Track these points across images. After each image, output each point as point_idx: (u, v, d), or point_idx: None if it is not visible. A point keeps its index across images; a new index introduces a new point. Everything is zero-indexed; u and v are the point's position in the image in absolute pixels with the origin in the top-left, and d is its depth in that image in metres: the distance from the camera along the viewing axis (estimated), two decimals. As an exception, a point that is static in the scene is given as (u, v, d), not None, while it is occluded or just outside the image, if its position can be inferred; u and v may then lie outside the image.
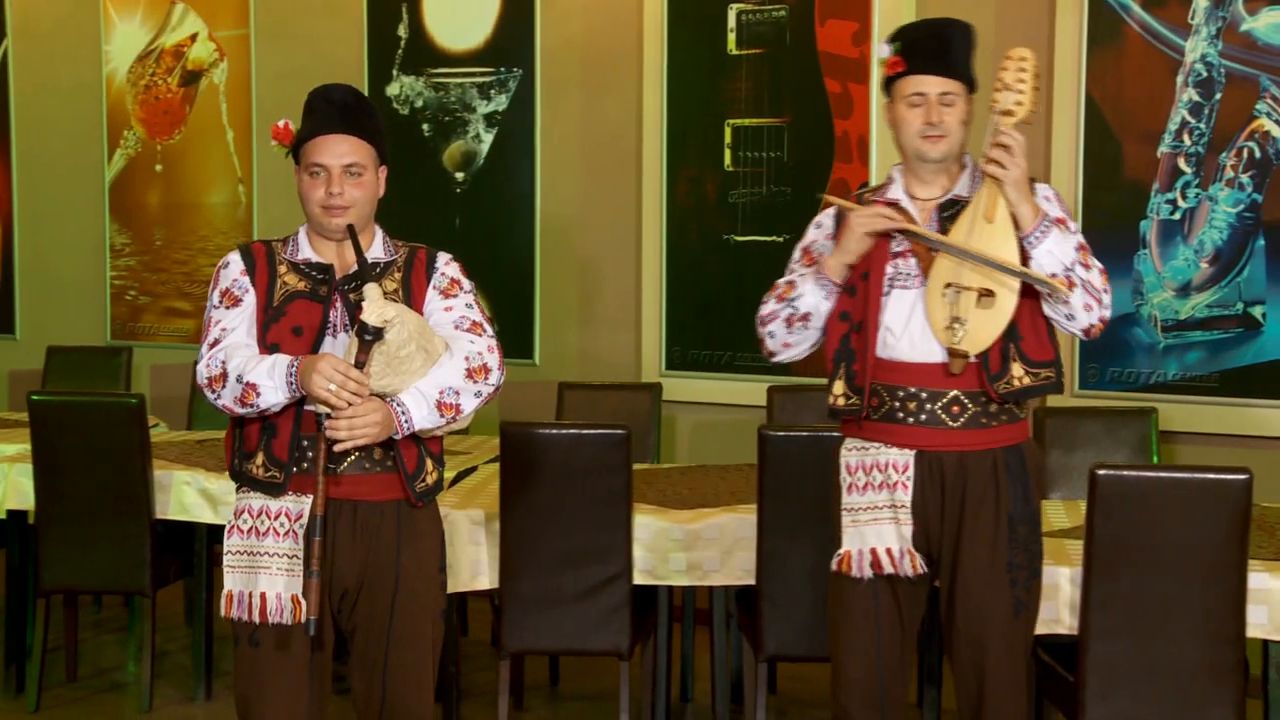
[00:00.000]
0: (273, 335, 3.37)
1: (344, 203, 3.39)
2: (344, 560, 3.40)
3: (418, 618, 3.47)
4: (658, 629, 4.95)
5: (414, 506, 3.45)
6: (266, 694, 3.40)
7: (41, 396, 5.38)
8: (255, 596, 3.36)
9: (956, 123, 3.57)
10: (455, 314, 3.48)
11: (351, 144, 3.41)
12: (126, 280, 8.13)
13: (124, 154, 8.09)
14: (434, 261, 3.55)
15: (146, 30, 7.97)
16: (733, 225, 6.58)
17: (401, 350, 3.27)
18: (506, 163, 7.11)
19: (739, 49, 6.53)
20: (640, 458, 5.71)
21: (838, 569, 3.67)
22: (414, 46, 7.26)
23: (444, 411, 3.35)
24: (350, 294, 3.41)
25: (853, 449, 3.68)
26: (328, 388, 3.19)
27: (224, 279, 3.45)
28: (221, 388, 3.31)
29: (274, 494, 3.37)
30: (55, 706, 5.49)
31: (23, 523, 5.54)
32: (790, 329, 3.73)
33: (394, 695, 3.46)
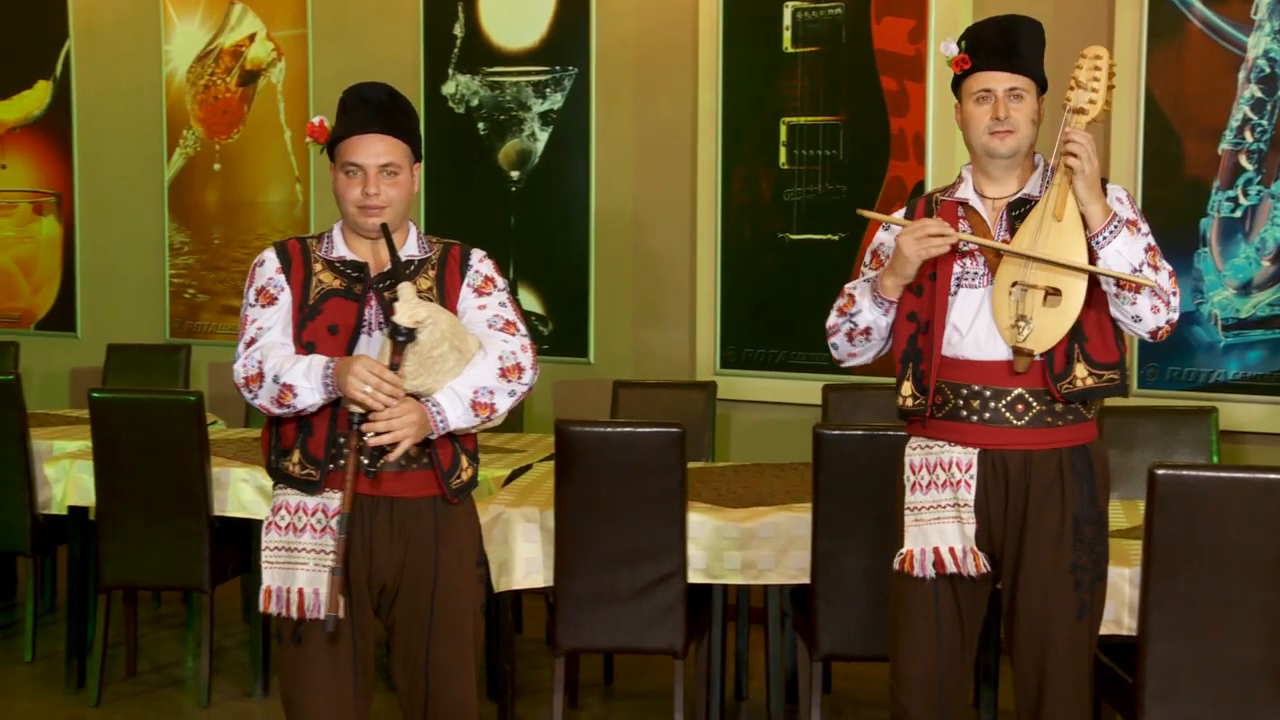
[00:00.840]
0: (308, 334, 3.38)
1: (380, 202, 3.39)
2: (382, 557, 3.42)
3: (458, 612, 3.48)
4: (712, 627, 4.94)
5: (449, 503, 3.47)
6: (310, 688, 3.42)
7: (102, 394, 5.42)
8: (293, 592, 3.39)
9: (1025, 119, 3.53)
10: (489, 312, 3.49)
11: (387, 143, 3.41)
12: (185, 278, 8.19)
13: (183, 153, 8.16)
14: (468, 259, 3.55)
15: (206, 30, 8.03)
16: (788, 223, 6.57)
17: (434, 350, 3.28)
18: (562, 161, 7.12)
19: (794, 47, 6.52)
20: (695, 456, 5.70)
21: (900, 568, 3.65)
22: (470, 45, 7.28)
23: (479, 411, 3.37)
24: (385, 292, 3.41)
25: (917, 448, 3.66)
26: (363, 389, 3.21)
27: (259, 277, 3.46)
28: (258, 387, 3.32)
29: (310, 491, 3.39)
30: (116, 701, 5.53)
31: (84, 519, 5.59)
32: (852, 342, 3.73)
33: (437, 689, 3.47)
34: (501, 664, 4.98)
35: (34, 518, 5.84)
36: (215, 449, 5.58)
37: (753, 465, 5.66)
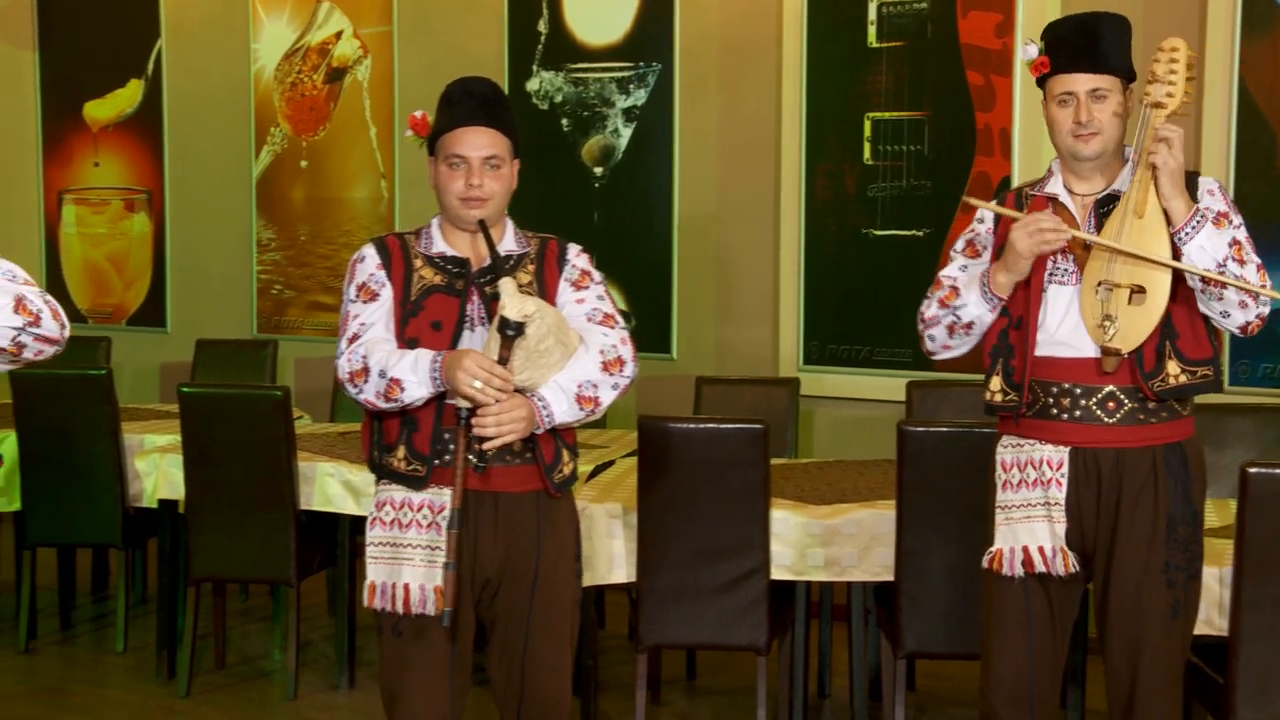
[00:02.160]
0: (411, 330, 3.39)
1: (483, 194, 3.40)
2: (486, 551, 3.42)
3: (556, 607, 3.49)
4: (795, 624, 4.93)
5: (553, 497, 3.47)
6: (410, 683, 3.43)
7: (191, 389, 5.49)
8: (398, 588, 3.39)
9: (1109, 118, 3.49)
10: (588, 306, 3.49)
11: (491, 136, 3.42)
12: (272, 275, 8.27)
13: (270, 150, 8.24)
14: (565, 253, 3.56)
15: (293, 28, 8.11)
16: (872, 219, 6.53)
17: (541, 344, 3.28)
18: (645, 157, 7.12)
19: (879, 42, 6.48)
20: (778, 453, 5.69)
21: (989, 567, 3.61)
22: (554, 41, 7.29)
23: (583, 405, 3.37)
24: (486, 287, 3.42)
25: (1008, 446, 3.63)
26: (473, 384, 3.20)
27: (360, 273, 3.47)
28: (364, 382, 3.33)
29: (416, 487, 3.40)
30: (204, 693, 5.60)
31: (174, 512, 5.66)
32: (952, 335, 3.69)
33: (533, 685, 3.48)
34: (584, 659, 4.99)
35: (125, 511, 5.92)
36: (301, 443, 5.63)
37: (836, 462, 5.63)
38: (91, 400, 5.85)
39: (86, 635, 6.39)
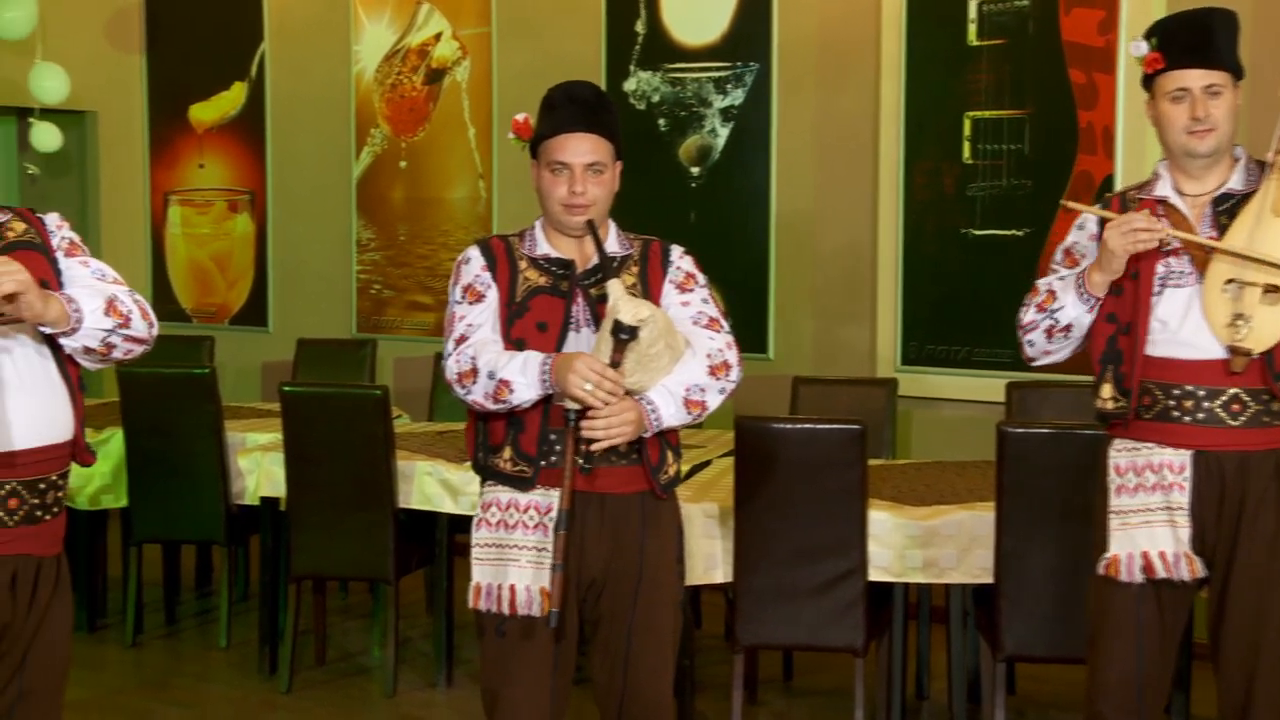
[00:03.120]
0: (517, 331, 3.40)
1: (586, 201, 3.41)
2: (592, 552, 3.42)
3: (659, 608, 3.49)
4: (893, 626, 4.90)
5: (658, 498, 3.48)
6: (512, 684, 3.44)
7: (292, 388, 5.55)
8: (505, 589, 3.40)
9: (1224, 115, 3.43)
10: (692, 309, 3.49)
11: (594, 142, 3.42)
12: (371, 274, 8.35)
13: (370, 151, 8.32)
14: (668, 255, 3.56)
15: (394, 30, 8.18)
16: (971, 219, 6.48)
17: (652, 348, 3.27)
18: (742, 157, 7.11)
19: (979, 40, 6.42)
20: (875, 453, 5.66)
21: (1104, 572, 3.55)
22: (651, 42, 7.30)
23: (691, 409, 3.37)
24: (591, 289, 3.43)
25: (1122, 450, 3.56)
26: (584, 387, 3.21)
27: (465, 274, 3.48)
28: (472, 383, 3.34)
29: (523, 488, 3.41)
30: (305, 688, 5.67)
31: (275, 510, 5.73)
32: (1050, 339, 3.63)
33: (634, 686, 3.48)
34: (681, 659, 4.98)
35: (228, 508, 6.00)
36: (400, 442, 5.68)
37: (934, 463, 5.60)
38: (195, 399, 5.93)
39: (191, 630, 6.48)
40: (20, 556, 2.86)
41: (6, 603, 2.86)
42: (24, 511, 2.85)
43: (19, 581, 2.87)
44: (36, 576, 2.90)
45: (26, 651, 2.92)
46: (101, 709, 5.42)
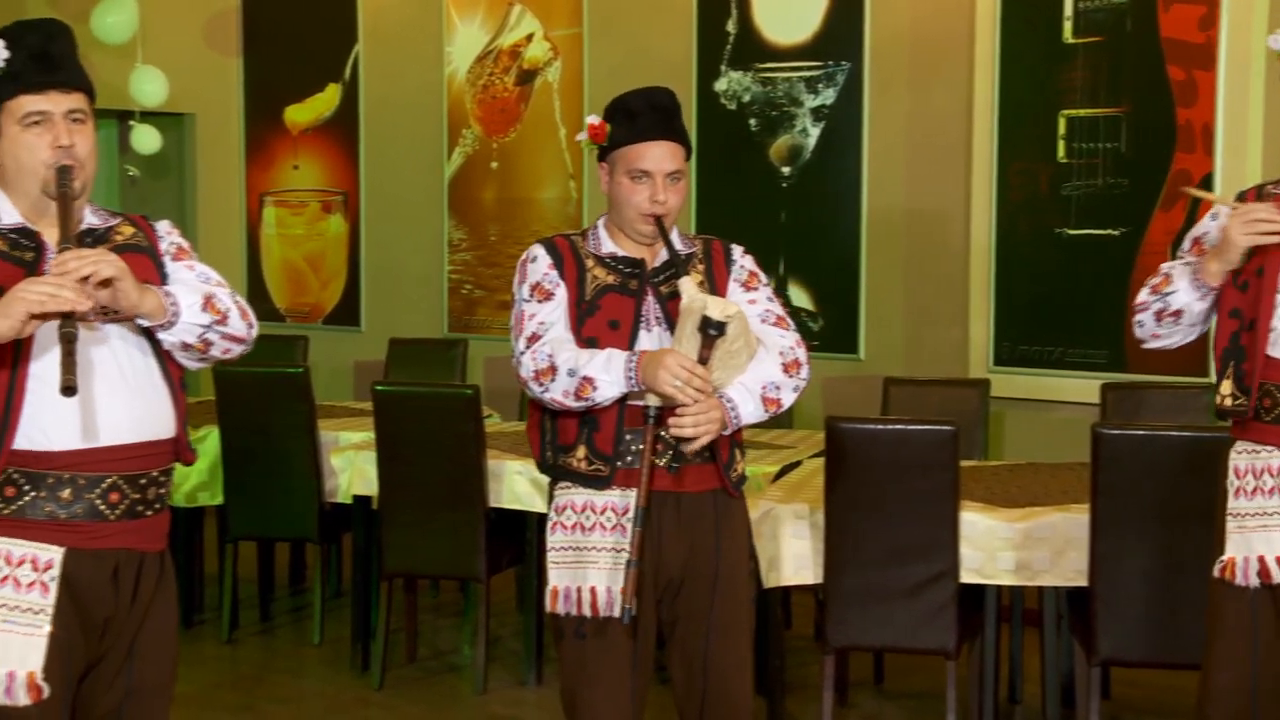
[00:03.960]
0: (589, 329, 3.39)
1: (666, 209, 3.40)
2: (670, 551, 3.42)
3: (736, 607, 3.48)
4: (985, 628, 4.85)
5: (729, 496, 3.47)
6: (591, 685, 3.43)
7: (384, 387, 5.59)
8: (583, 591, 3.40)
9: None
10: (759, 308, 3.48)
11: (673, 150, 3.43)
12: (463, 274, 8.40)
13: (462, 152, 8.37)
14: (730, 254, 3.56)
15: (486, 31, 8.22)
16: (1065, 219, 6.41)
17: (734, 344, 3.27)
18: (833, 156, 7.08)
19: (1075, 37, 6.35)
20: (967, 454, 5.61)
21: (1220, 575, 3.48)
22: (742, 41, 7.29)
23: (768, 406, 3.36)
24: (661, 287, 3.43)
25: (1243, 452, 3.46)
26: (674, 384, 3.19)
27: (533, 273, 3.47)
28: (550, 380, 3.32)
29: (598, 487, 3.40)
30: (397, 685, 5.71)
31: (367, 508, 5.77)
32: (1160, 322, 3.54)
33: (716, 685, 3.47)
34: (771, 660, 4.98)
35: (321, 506, 6.06)
36: (491, 442, 5.70)
37: (1028, 464, 5.54)
38: (289, 398, 5.99)
39: (285, 627, 6.55)
40: (121, 551, 2.89)
41: (109, 596, 2.89)
42: (125, 506, 2.88)
43: (120, 575, 2.90)
44: (139, 571, 2.94)
45: (132, 646, 2.96)
46: (199, 704, 5.48)
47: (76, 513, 2.83)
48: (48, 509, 2.81)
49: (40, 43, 2.89)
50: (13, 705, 2.76)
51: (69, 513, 2.82)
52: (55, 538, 2.82)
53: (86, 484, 2.83)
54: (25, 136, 2.86)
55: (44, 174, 2.87)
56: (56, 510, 2.81)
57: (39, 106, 2.86)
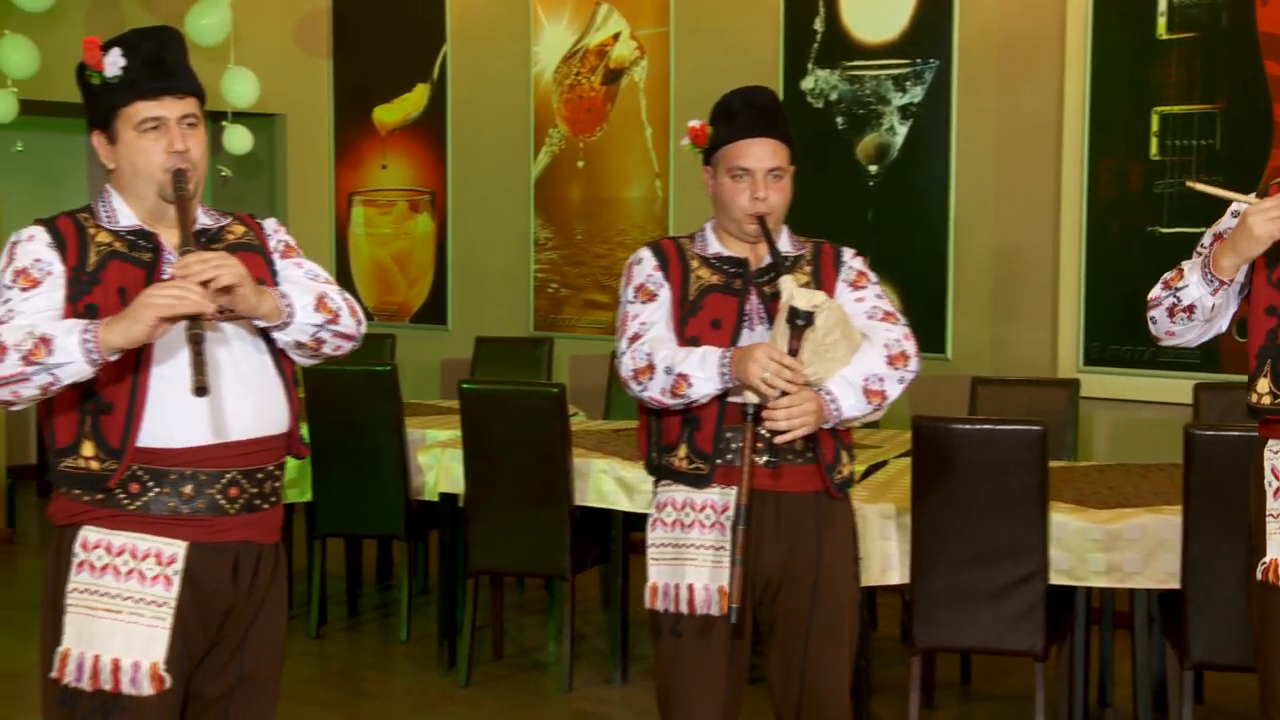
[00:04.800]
0: (691, 329, 3.40)
1: (767, 208, 3.40)
2: (768, 552, 3.40)
3: (837, 610, 3.45)
4: (1075, 631, 4.80)
5: (833, 497, 3.45)
6: (687, 683, 3.43)
7: (471, 385, 5.62)
8: (683, 589, 3.40)
9: None
10: (867, 305, 3.47)
11: (774, 147, 3.42)
12: (549, 273, 8.43)
13: (549, 151, 8.39)
14: (840, 256, 3.55)
15: (573, 31, 8.25)
16: (1158, 217, 6.33)
17: (828, 337, 3.26)
18: (920, 155, 7.03)
19: (1169, 33, 6.27)
20: (1056, 455, 5.56)
21: (1263, 579, 3.43)
22: (830, 39, 7.26)
23: (871, 398, 3.34)
24: (764, 287, 3.42)
25: (1277, 451, 3.43)
26: (764, 376, 3.19)
27: (638, 274, 3.49)
28: (649, 379, 3.34)
29: (698, 486, 3.40)
30: (483, 682, 5.73)
31: (454, 506, 5.80)
32: (1172, 319, 3.43)
33: (812, 688, 3.45)
34: (857, 661, 4.95)
35: (408, 503, 6.10)
36: (576, 440, 5.72)
37: (1118, 465, 5.48)
38: (377, 396, 6.04)
39: (372, 623, 6.61)
40: (241, 544, 2.96)
41: (229, 588, 2.95)
42: (243, 500, 2.94)
43: (240, 567, 2.97)
44: (257, 563, 3.00)
45: (245, 635, 3.02)
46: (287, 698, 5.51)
47: (198, 508, 2.90)
48: (171, 504, 2.88)
49: (155, 50, 2.95)
50: (136, 694, 2.84)
51: (191, 508, 2.89)
52: (178, 532, 2.89)
53: (208, 479, 2.90)
54: (141, 142, 2.92)
55: (160, 178, 2.93)
56: (179, 505, 2.88)
57: (154, 112, 2.92)
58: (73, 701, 2.86)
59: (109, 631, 2.85)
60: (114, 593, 2.87)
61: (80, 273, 2.88)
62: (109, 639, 2.85)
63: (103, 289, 2.87)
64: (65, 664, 2.86)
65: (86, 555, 2.88)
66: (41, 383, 2.74)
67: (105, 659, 2.84)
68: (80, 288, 2.87)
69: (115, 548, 2.87)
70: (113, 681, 2.84)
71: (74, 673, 2.85)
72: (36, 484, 9.56)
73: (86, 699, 2.85)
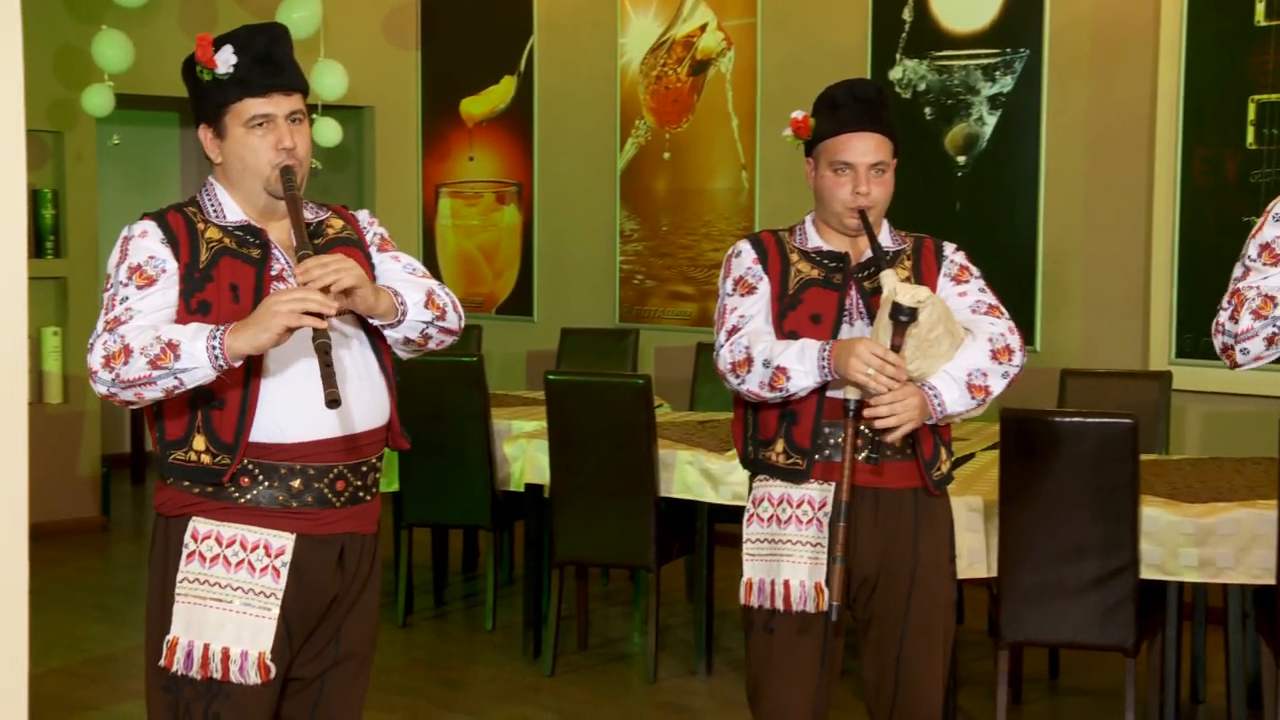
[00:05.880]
0: (790, 323, 3.37)
1: (869, 202, 3.37)
2: (865, 548, 3.38)
3: (932, 608, 3.42)
4: (1166, 626, 4.74)
5: (931, 495, 3.42)
6: (778, 678, 3.42)
7: (557, 376, 5.63)
8: (778, 584, 3.38)
9: None
10: (970, 299, 3.43)
11: (877, 141, 3.39)
12: (634, 265, 8.43)
13: (635, 142, 8.39)
14: (942, 250, 3.51)
15: (659, 22, 8.24)
16: (1254, 207, 6.22)
17: (931, 332, 3.22)
18: (1010, 145, 6.96)
19: (1268, 19, 6.16)
20: (1148, 448, 5.49)
21: None
22: (918, 29, 7.20)
23: (974, 394, 3.30)
24: (865, 281, 3.39)
25: None
26: (866, 371, 3.16)
27: (736, 267, 3.47)
28: (746, 372, 3.32)
29: (796, 481, 3.38)
30: (568, 672, 5.75)
31: (539, 496, 5.82)
32: (1271, 345, 3.27)
33: (906, 686, 3.43)
34: (944, 654, 4.92)
35: (494, 494, 6.12)
36: (661, 431, 5.71)
37: (1210, 459, 5.40)
38: (464, 387, 6.06)
39: (458, 612, 6.64)
40: (346, 535, 3.01)
41: (334, 578, 3.00)
42: (349, 493, 2.99)
43: (346, 557, 3.02)
44: (359, 553, 3.05)
45: (344, 618, 3.07)
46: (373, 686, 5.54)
47: (306, 501, 2.94)
48: (280, 498, 2.93)
49: (266, 47, 2.98)
50: (244, 684, 2.90)
51: (300, 501, 2.94)
52: (287, 525, 2.94)
53: (316, 473, 2.94)
54: (250, 139, 2.96)
55: (268, 174, 2.96)
56: (288, 499, 2.93)
57: (264, 109, 2.95)
58: (178, 688, 2.92)
59: (219, 621, 2.90)
60: (224, 583, 2.91)
61: (193, 270, 2.92)
62: (219, 628, 2.90)
63: (215, 286, 2.91)
64: (174, 652, 2.91)
65: (197, 546, 2.92)
66: (166, 386, 2.80)
67: (215, 648, 2.89)
68: (193, 284, 2.91)
69: (225, 539, 2.92)
70: (222, 670, 2.89)
71: (183, 661, 2.90)
72: (130, 473, 9.71)
73: (191, 686, 2.90)
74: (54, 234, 8.15)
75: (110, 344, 2.81)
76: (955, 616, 3.57)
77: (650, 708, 5.40)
